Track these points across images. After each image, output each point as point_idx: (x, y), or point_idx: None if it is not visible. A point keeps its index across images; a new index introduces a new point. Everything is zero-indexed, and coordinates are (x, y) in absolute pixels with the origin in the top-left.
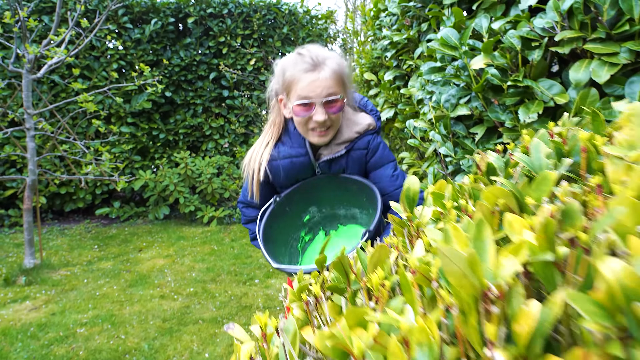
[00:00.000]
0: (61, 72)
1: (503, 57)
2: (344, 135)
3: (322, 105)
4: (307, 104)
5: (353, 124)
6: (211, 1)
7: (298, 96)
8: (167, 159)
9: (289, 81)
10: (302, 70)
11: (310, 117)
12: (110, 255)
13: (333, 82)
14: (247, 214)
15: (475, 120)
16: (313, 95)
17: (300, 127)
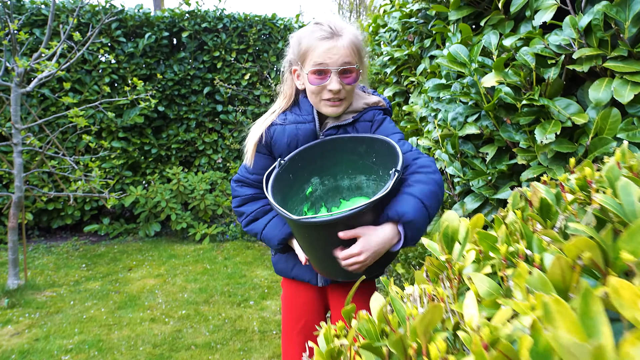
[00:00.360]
0: (52, 85)
1: (516, 75)
2: (352, 106)
3: (338, 74)
4: (323, 71)
5: (362, 97)
6: (206, 15)
7: (314, 63)
8: (159, 174)
9: (305, 49)
10: (319, 38)
11: (324, 86)
12: (99, 274)
13: (350, 51)
14: (241, 193)
15: (484, 140)
16: (329, 62)
17: (312, 97)
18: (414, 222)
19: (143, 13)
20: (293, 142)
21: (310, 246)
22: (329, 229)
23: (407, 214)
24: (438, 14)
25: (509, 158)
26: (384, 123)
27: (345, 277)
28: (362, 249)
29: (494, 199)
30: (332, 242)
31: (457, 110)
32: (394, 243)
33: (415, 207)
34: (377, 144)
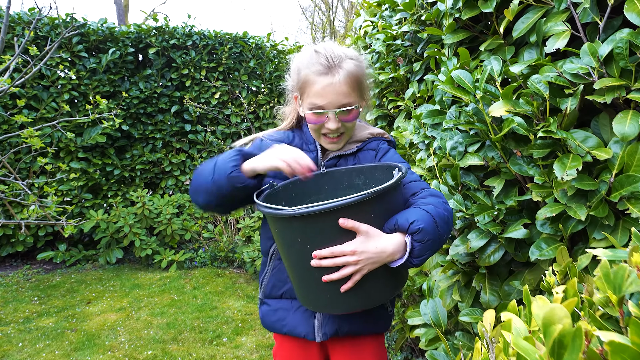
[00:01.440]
0: (4, 102)
1: (528, 105)
2: (356, 136)
3: (335, 114)
4: (320, 112)
5: (366, 127)
6: (174, 32)
7: (310, 103)
8: (122, 197)
9: (303, 81)
10: (316, 73)
11: (323, 124)
12: (53, 309)
13: (348, 88)
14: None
15: (488, 172)
16: (326, 103)
17: (312, 132)
18: (424, 232)
19: (107, 27)
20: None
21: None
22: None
23: (417, 222)
24: (430, 37)
25: (517, 192)
26: (389, 153)
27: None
28: (357, 249)
29: (503, 237)
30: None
31: (457, 139)
32: (396, 256)
33: (426, 219)
34: (377, 173)
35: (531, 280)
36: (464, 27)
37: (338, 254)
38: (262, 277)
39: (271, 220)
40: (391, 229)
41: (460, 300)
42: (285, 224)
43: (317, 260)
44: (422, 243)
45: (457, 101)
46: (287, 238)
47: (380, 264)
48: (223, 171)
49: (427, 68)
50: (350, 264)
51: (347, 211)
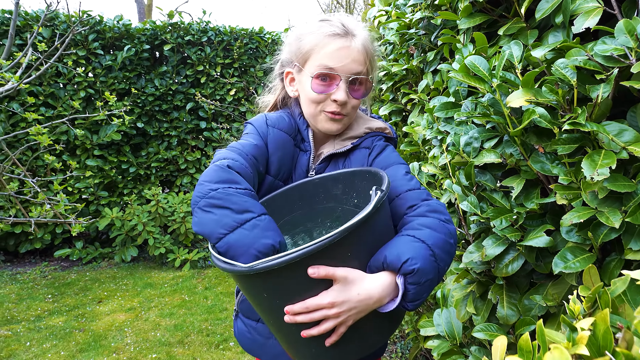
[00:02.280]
0: (22, 99)
1: (553, 93)
2: (352, 131)
3: (347, 83)
4: (329, 77)
5: (365, 120)
6: (189, 28)
7: (320, 65)
8: (137, 195)
9: (308, 47)
10: (329, 34)
11: (329, 94)
12: (64, 308)
13: (364, 57)
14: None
15: (507, 170)
16: (339, 66)
17: (310, 107)
18: (420, 274)
19: (123, 25)
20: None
21: (267, 310)
22: (292, 273)
23: (412, 260)
24: (445, 22)
25: (539, 194)
26: (386, 151)
27: (327, 358)
28: (335, 300)
29: (523, 245)
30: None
31: (472, 134)
32: (385, 300)
33: (422, 255)
34: (357, 179)
35: (555, 295)
36: (482, 10)
37: (314, 308)
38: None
39: (230, 275)
40: (378, 267)
41: (475, 313)
42: (245, 281)
43: (290, 316)
44: (418, 285)
45: (474, 92)
46: (252, 295)
47: (366, 312)
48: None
49: (442, 58)
50: (330, 318)
51: (316, 258)
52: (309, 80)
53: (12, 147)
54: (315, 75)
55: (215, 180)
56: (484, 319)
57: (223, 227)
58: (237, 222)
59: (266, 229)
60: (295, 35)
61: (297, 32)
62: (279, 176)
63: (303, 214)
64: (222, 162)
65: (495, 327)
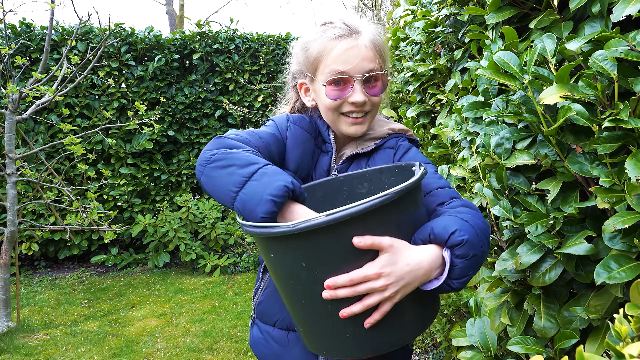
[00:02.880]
0: (59, 111)
1: (591, 88)
2: (374, 132)
3: (362, 83)
4: (342, 81)
5: (385, 122)
6: (217, 37)
7: (331, 71)
8: (169, 201)
9: (316, 54)
10: (333, 37)
11: (345, 99)
12: (99, 313)
13: (374, 53)
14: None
15: (542, 172)
16: (350, 68)
17: (329, 114)
18: (468, 246)
19: (153, 36)
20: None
21: (302, 286)
22: (336, 238)
23: (460, 232)
24: (472, 18)
25: (578, 197)
26: (411, 151)
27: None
28: (383, 270)
29: (561, 253)
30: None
31: (503, 134)
32: (432, 275)
33: (468, 229)
34: (384, 176)
35: (598, 307)
36: (511, 4)
37: (359, 280)
38: (257, 287)
39: (263, 243)
40: (424, 239)
41: (510, 325)
42: (282, 246)
43: (330, 290)
44: (465, 259)
45: (505, 90)
46: (287, 265)
47: (414, 286)
48: (254, 202)
49: (470, 55)
50: (376, 291)
51: (364, 222)
52: (323, 88)
53: (51, 157)
54: (328, 82)
55: (216, 147)
56: (519, 330)
57: (233, 185)
58: (244, 177)
59: (275, 173)
60: (300, 45)
61: (302, 41)
62: (298, 173)
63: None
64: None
65: (532, 340)
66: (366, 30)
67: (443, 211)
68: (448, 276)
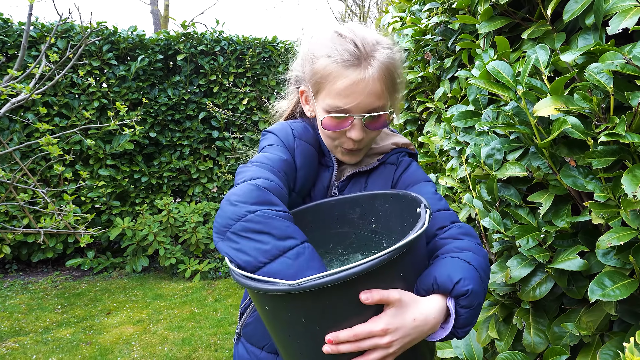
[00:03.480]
0: (36, 110)
1: (587, 101)
2: (378, 147)
3: (362, 120)
4: (344, 112)
5: (389, 135)
6: (203, 38)
7: (330, 105)
8: (149, 204)
9: (320, 74)
10: (343, 64)
11: (344, 132)
12: (73, 319)
13: (382, 87)
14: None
15: (532, 185)
16: (353, 105)
17: (325, 140)
18: (473, 295)
19: (137, 35)
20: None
21: (300, 339)
22: (342, 295)
23: (464, 281)
24: (463, 27)
25: (570, 211)
26: (411, 167)
27: None
28: (389, 326)
29: (553, 267)
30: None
31: (494, 145)
32: (438, 327)
33: (473, 276)
34: (377, 202)
35: (589, 324)
36: (503, 13)
37: (364, 336)
38: (244, 306)
39: (258, 297)
40: (427, 289)
41: (497, 338)
42: (281, 303)
43: (332, 345)
44: (470, 309)
45: (495, 100)
46: (284, 319)
47: (418, 340)
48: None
49: (459, 64)
50: (381, 347)
51: (369, 276)
52: (322, 114)
53: (27, 157)
54: (328, 116)
55: (252, 201)
56: (507, 345)
57: (264, 255)
58: (279, 250)
59: (311, 258)
60: (307, 52)
61: (310, 46)
62: (302, 192)
63: (314, 239)
64: (255, 182)
65: (521, 355)
66: (379, 58)
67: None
68: (455, 323)
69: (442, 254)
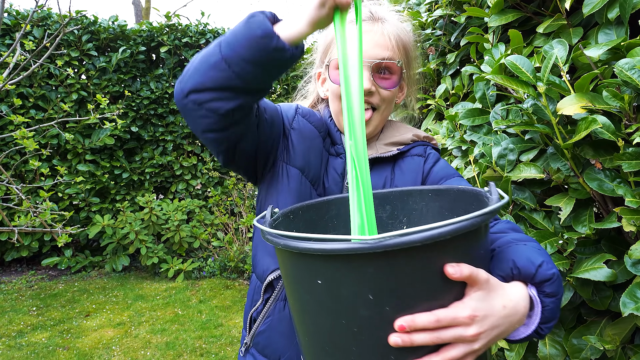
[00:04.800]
0: (10, 101)
1: (617, 99)
2: (396, 135)
3: (372, 70)
4: None
5: (409, 128)
6: (187, 30)
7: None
8: (130, 201)
9: (330, 38)
10: (351, 21)
11: None
12: (49, 322)
13: (392, 43)
14: None
15: (550, 187)
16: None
17: (334, 103)
18: (559, 281)
19: (118, 25)
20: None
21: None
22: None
23: (547, 264)
24: (468, 20)
25: (592, 216)
26: (441, 161)
27: None
28: (476, 312)
29: (574, 277)
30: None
31: (506, 145)
32: (525, 318)
33: (552, 261)
34: (412, 200)
35: (615, 337)
36: (514, 6)
37: (447, 323)
38: (253, 312)
39: (306, 265)
40: (505, 274)
41: (507, 349)
42: (344, 269)
43: (404, 334)
44: (555, 298)
45: (504, 97)
46: (343, 297)
47: (504, 335)
48: (245, 35)
49: (462, 60)
50: (465, 341)
51: (452, 246)
52: (329, 72)
53: (0, 151)
54: (335, 65)
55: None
56: (519, 356)
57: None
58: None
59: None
60: (323, 34)
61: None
62: (305, 173)
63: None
64: None
65: None
66: (391, 21)
67: (497, 239)
68: (542, 316)
69: (505, 245)
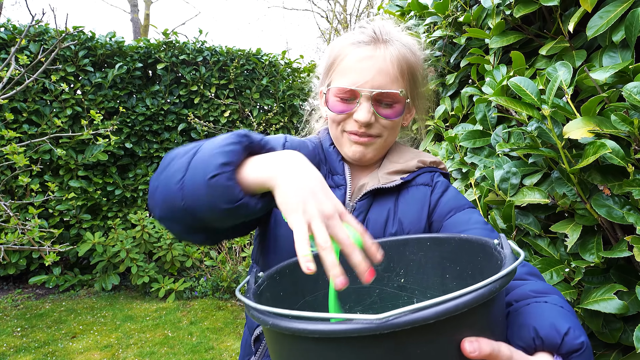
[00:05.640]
0: (2, 116)
1: (626, 124)
2: (400, 162)
3: (370, 100)
4: (349, 93)
5: (414, 153)
6: (185, 47)
7: (339, 83)
8: (122, 219)
9: (333, 58)
10: (354, 43)
11: (350, 114)
12: (33, 344)
13: (395, 68)
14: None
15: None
16: (359, 78)
17: (332, 129)
18: (589, 350)
19: (115, 42)
20: None
21: None
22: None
23: (574, 331)
24: (468, 42)
25: (599, 242)
26: (450, 190)
27: None
28: None
29: (583, 308)
30: None
31: (508, 169)
32: None
33: (579, 324)
34: (409, 249)
35: None
36: (515, 28)
37: None
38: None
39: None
40: (527, 345)
41: None
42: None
43: None
44: None
45: (505, 119)
46: None
47: None
48: (202, 169)
49: (461, 81)
50: None
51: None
52: (329, 97)
53: None
54: (334, 93)
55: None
56: None
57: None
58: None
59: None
60: (329, 47)
61: (332, 43)
62: None
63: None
64: None
65: None
66: (396, 41)
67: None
68: None
69: (523, 300)
